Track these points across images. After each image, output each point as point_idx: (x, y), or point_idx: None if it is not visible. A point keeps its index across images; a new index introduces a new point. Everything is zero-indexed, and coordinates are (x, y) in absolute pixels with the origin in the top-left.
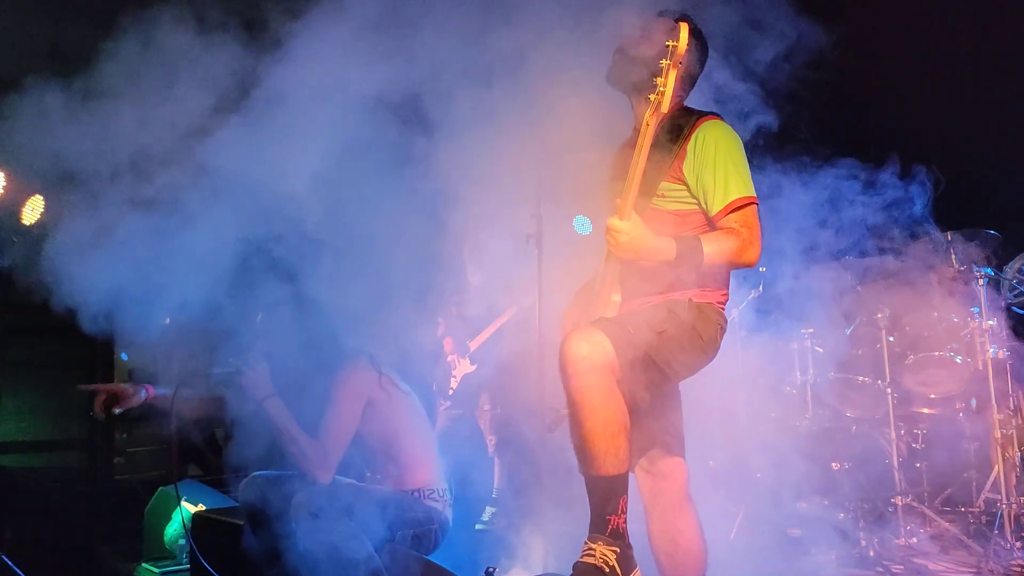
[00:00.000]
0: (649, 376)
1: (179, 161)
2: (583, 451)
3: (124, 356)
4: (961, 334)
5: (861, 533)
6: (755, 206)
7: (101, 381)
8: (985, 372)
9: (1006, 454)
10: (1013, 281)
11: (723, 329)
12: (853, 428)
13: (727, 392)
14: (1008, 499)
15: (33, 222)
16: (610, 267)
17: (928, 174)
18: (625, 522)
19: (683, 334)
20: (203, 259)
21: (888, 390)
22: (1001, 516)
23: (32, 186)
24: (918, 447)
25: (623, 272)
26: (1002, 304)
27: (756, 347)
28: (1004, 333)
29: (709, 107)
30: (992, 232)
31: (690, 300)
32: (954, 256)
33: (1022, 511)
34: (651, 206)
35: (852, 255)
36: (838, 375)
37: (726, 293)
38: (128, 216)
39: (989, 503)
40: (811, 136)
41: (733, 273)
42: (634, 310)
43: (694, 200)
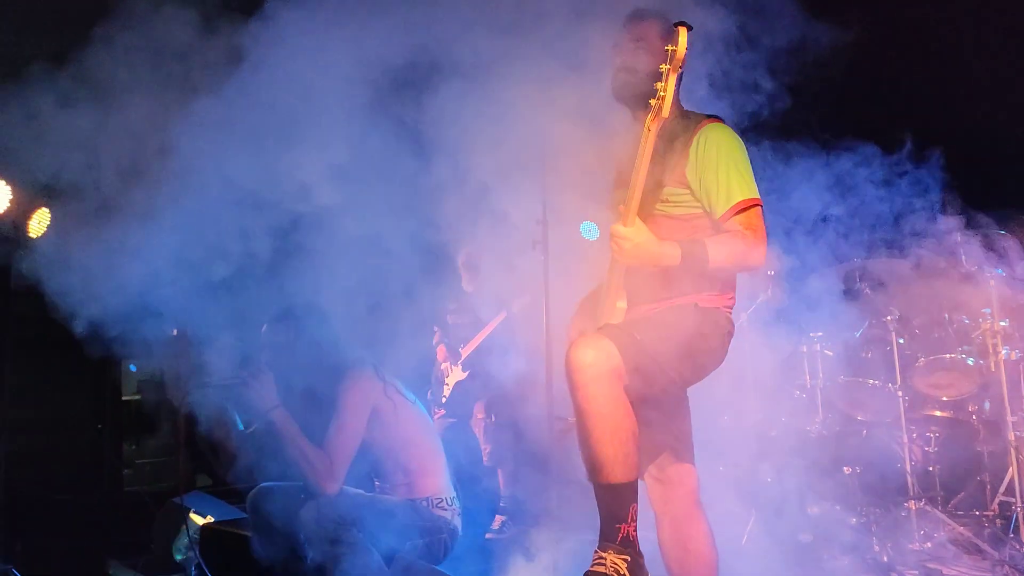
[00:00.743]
0: (657, 382)
1: (181, 172)
2: (592, 459)
3: (132, 367)
4: (973, 335)
5: (874, 538)
6: (759, 208)
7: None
8: (998, 374)
9: (1020, 456)
10: None
11: (731, 334)
12: (864, 432)
13: (736, 396)
14: (1022, 502)
15: (40, 235)
16: (615, 273)
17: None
18: (635, 530)
19: (690, 339)
20: (205, 269)
21: (899, 393)
22: (1016, 519)
23: (38, 199)
24: (931, 450)
25: (628, 278)
26: (1014, 304)
27: (765, 351)
28: (1017, 334)
29: (713, 102)
30: (1002, 232)
31: (696, 305)
32: (964, 256)
33: None
34: (655, 211)
35: (860, 256)
36: (848, 378)
37: (733, 297)
38: (132, 227)
39: (1004, 506)
40: (819, 130)
41: (741, 277)
42: (640, 316)
43: (698, 204)
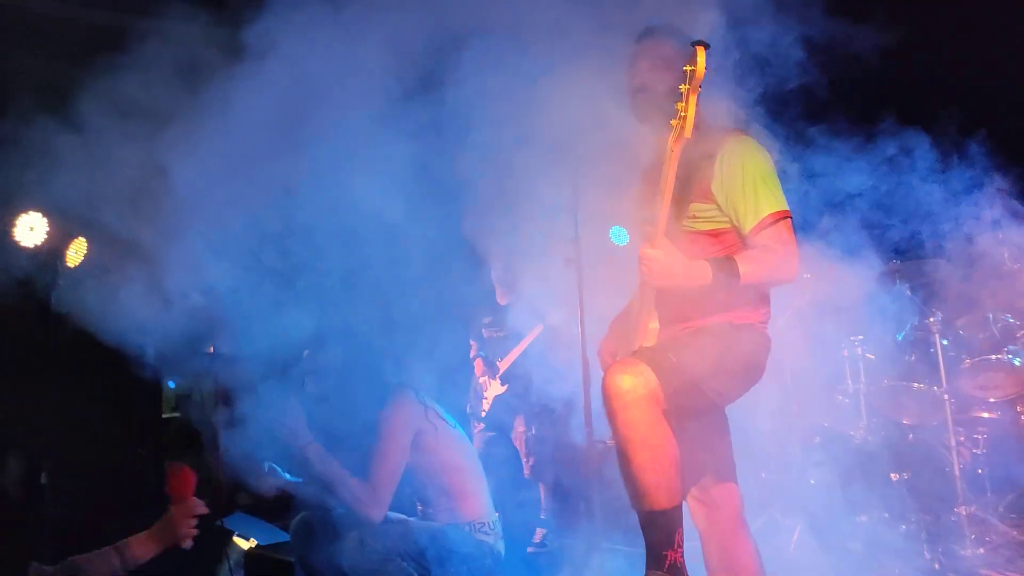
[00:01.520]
0: (695, 404)
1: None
2: (634, 486)
3: (171, 384)
4: (1018, 335)
5: (925, 545)
6: (789, 219)
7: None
8: None
9: None
10: None
11: (768, 349)
12: (910, 436)
13: (777, 403)
14: None
15: (77, 263)
16: (646, 294)
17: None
18: (682, 556)
19: (726, 358)
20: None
21: (945, 396)
22: None
23: (74, 229)
24: (979, 452)
25: (660, 298)
26: None
27: (805, 356)
28: None
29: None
30: None
31: (731, 323)
32: (1007, 253)
33: None
34: (683, 228)
35: (901, 257)
36: (892, 382)
37: (767, 311)
38: (167, 251)
39: None
40: (853, 121)
41: None
42: (674, 337)
43: (726, 219)
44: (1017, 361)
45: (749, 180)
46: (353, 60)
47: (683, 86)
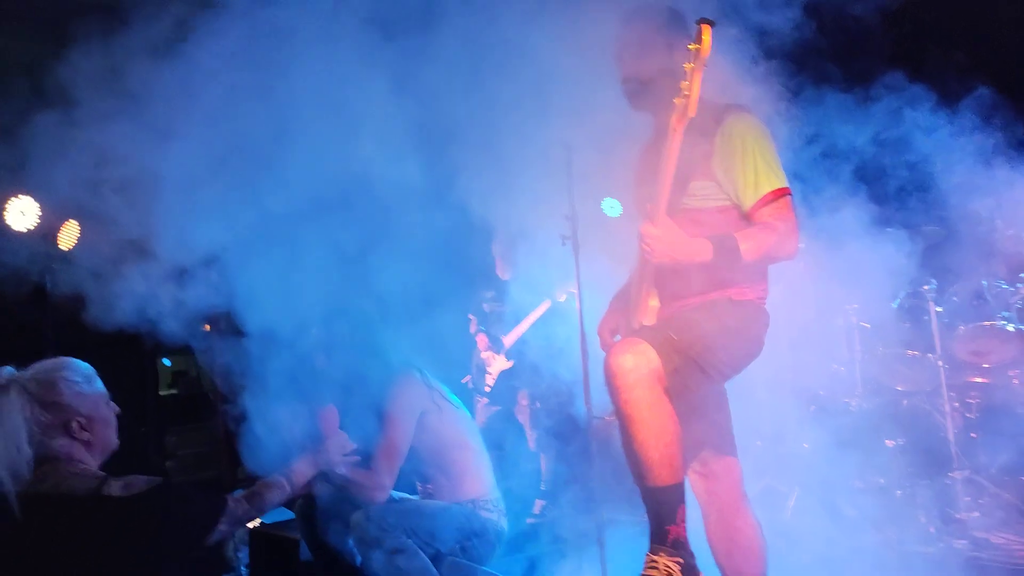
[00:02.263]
0: (696, 380)
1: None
2: (637, 464)
3: (167, 362)
4: (1012, 301)
5: (920, 510)
6: (789, 197)
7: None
8: None
9: None
10: None
11: (767, 324)
12: (905, 403)
13: (774, 372)
14: None
15: (71, 246)
16: (646, 272)
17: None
18: (685, 531)
19: (726, 335)
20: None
21: (939, 362)
22: None
23: (66, 213)
24: (973, 417)
25: (659, 276)
26: None
27: (801, 325)
28: None
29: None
30: None
31: (730, 299)
32: (1000, 220)
33: None
34: (683, 206)
35: (895, 225)
36: (886, 350)
37: (766, 288)
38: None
39: None
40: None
41: None
42: (674, 315)
43: (726, 197)
44: (1011, 327)
45: (750, 157)
46: (344, 32)
47: (688, 64)
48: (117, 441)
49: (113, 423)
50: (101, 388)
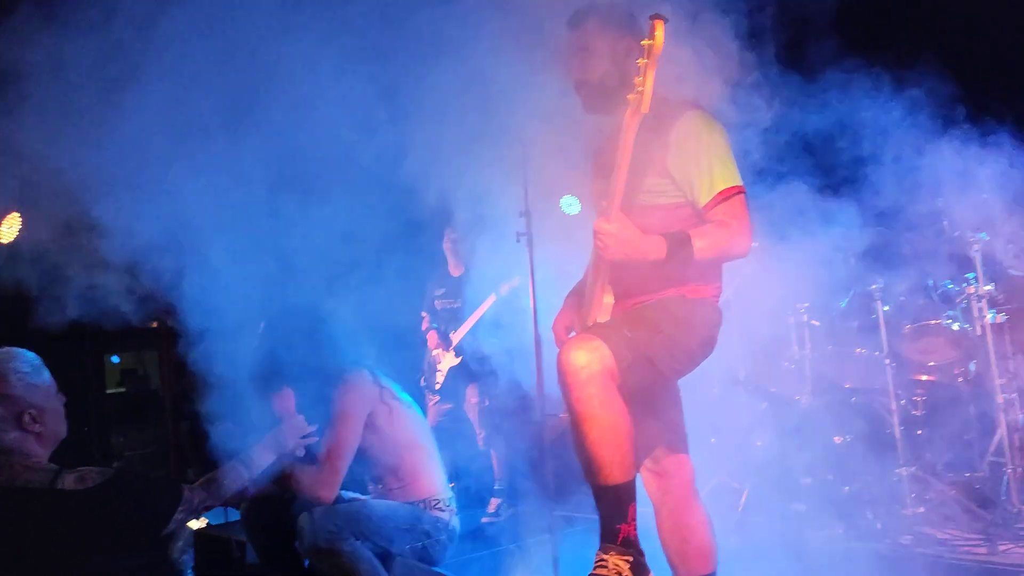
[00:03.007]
0: (649, 378)
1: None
2: (588, 461)
3: (115, 359)
4: (957, 300)
5: (867, 506)
6: (743, 195)
7: (93, 384)
8: (984, 337)
9: (1008, 419)
10: (1009, 244)
11: (719, 323)
12: (853, 400)
13: (727, 370)
14: (1013, 463)
15: (11, 239)
16: (600, 269)
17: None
18: (636, 530)
19: (680, 332)
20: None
21: (886, 360)
22: (1007, 480)
23: (8, 204)
24: (918, 414)
25: (614, 272)
26: (998, 267)
27: (753, 323)
28: (1002, 297)
29: None
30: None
31: (684, 296)
32: (947, 221)
33: None
34: (638, 202)
35: (844, 225)
36: (835, 348)
37: (719, 286)
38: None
39: (994, 467)
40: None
41: None
42: (629, 312)
43: (680, 193)
44: (956, 326)
45: (704, 155)
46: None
47: (641, 60)
48: (66, 431)
49: (62, 413)
50: (49, 378)
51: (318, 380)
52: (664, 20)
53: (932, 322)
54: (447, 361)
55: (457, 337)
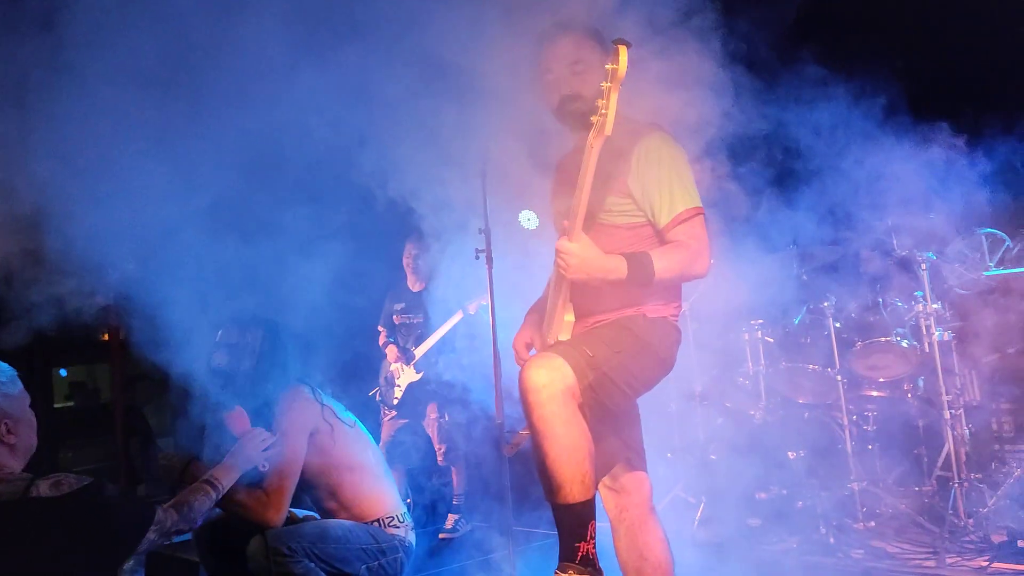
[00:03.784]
0: (610, 396)
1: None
2: (548, 480)
3: (63, 372)
4: (906, 318)
5: (820, 520)
6: (702, 216)
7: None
8: (932, 354)
9: (956, 433)
10: (955, 264)
11: (679, 342)
12: (806, 415)
13: (683, 385)
14: (959, 477)
15: None
16: (561, 287)
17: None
18: (594, 547)
19: (640, 351)
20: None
21: (838, 377)
22: (954, 495)
23: None
24: (869, 429)
25: (575, 291)
26: (945, 286)
27: (707, 340)
28: (949, 315)
29: None
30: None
31: (644, 316)
32: (896, 240)
33: (972, 488)
34: (599, 221)
35: (796, 243)
36: (789, 364)
37: (679, 305)
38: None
39: (941, 481)
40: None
41: None
42: (589, 330)
43: (641, 213)
44: (905, 343)
45: (665, 176)
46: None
47: (605, 83)
48: (36, 443)
49: (35, 424)
50: (23, 389)
51: (266, 394)
52: (628, 45)
53: (882, 339)
54: (406, 376)
55: (420, 352)
